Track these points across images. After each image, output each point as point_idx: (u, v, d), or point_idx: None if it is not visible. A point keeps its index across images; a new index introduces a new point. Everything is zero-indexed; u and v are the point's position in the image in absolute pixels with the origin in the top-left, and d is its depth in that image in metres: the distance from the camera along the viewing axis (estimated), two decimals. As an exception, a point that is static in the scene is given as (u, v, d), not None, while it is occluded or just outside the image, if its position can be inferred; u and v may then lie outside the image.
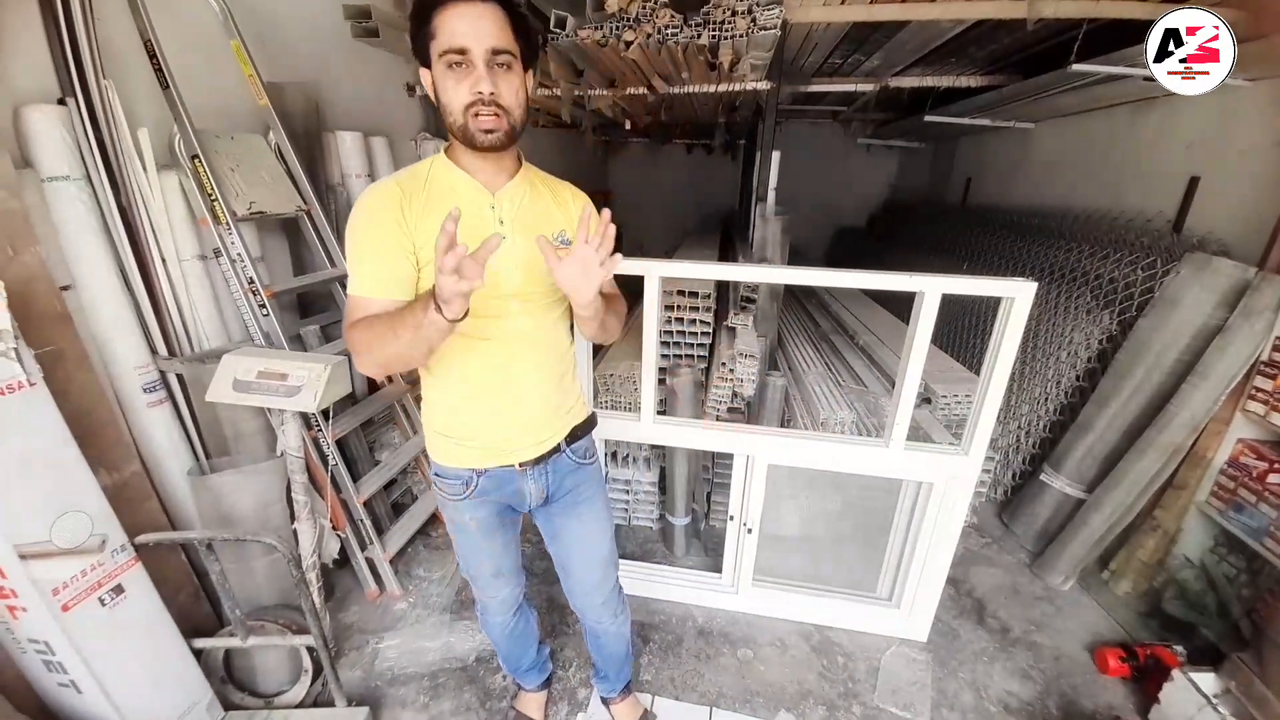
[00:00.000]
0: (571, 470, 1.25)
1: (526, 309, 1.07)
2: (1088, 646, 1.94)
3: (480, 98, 0.90)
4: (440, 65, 0.91)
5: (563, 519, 1.30)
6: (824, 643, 1.94)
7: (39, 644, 1.16)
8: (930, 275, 1.49)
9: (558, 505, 1.28)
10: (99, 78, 1.52)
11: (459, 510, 1.20)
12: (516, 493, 1.21)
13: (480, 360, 1.07)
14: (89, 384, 1.47)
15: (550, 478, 1.22)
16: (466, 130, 0.93)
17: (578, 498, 1.28)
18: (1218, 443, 1.90)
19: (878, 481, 1.83)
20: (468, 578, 1.36)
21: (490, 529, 1.24)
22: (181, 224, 1.74)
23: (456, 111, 0.93)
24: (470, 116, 0.92)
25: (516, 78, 0.94)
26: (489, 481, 1.17)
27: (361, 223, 0.97)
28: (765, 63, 2.37)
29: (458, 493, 1.18)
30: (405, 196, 0.97)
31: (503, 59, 0.91)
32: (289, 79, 2.14)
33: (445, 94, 0.93)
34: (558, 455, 1.21)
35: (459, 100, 0.92)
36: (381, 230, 0.96)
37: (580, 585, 1.39)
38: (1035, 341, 2.72)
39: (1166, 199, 2.53)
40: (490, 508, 1.22)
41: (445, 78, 0.91)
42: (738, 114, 4.16)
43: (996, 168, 4.29)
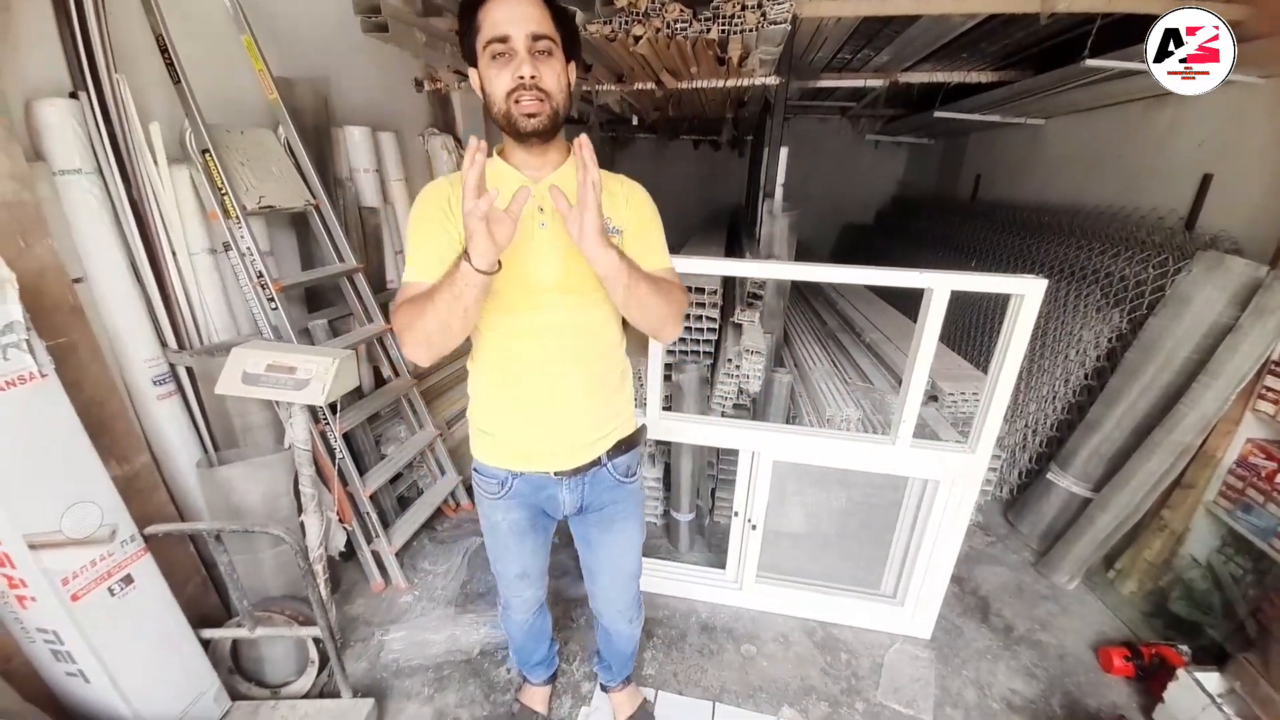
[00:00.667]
0: (611, 487, 1.22)
1: (565, 303, 1.04)
2: (1092, 645, 1.93)
3: (521, 82, 0.91)
4: (485, 57, 0.92)
5: (596, 530, 1.28)
6: (827, 639, 1.94)
7: (48, 633, 1.18)
8: (939, 272, 1.48)
9: (593, 516, 1.26)
10: (111, 72, 1.53)
11: (493, 509, 1.21)
12: (551, 500, 1.20)
13: (518, 356, 1.07)
14: (100, 376, 1.49)
15: (587, 490, 1.20)
16: (509, 116, 0.94)
17: (614, 514, 1.26)
18: (1227, 442, 1.89)
19: (883, 479, 1.82)
20: (494, 574, 1.37)
21: (521, 532, 1.24)
22: (192, 218, 1.75)
23: (500, 99, 0.93)
24: (512, 102, 0.93)
25: (558, 63, 0.95)
26: (524, 485, 1.17)
27: (414, 216, 1.03)
28: (774, 57, 2.36)
29: (493, 491, 1.19)
30: (453, 190, 1.01)
31: (543, 44, 0.91)
32: (299, 74, 2.15)
33: (489, 84, 0.94)
34: (598, 469, 1.18)
35: (501, 87, 0.92)
36: (429, 221, 1.01)
37: (604, 592, 1.40)
38: (1044, 339, 2.70)
39: (1179, 196, 2.50)
40: (524, 511, 1.21)
41: (489, 69, 0.93)
42: (746, 110, 4.13)
43: (1006, 164, 4.26)
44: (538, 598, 1.42)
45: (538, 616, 1.49)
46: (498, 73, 0.92)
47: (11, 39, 1.39)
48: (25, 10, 1.42)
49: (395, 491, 2.39)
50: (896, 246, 5.29)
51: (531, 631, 1.51)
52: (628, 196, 1.10)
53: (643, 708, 1.65)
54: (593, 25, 2.08)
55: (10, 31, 1.39)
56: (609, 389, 1.16)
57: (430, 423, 2.39)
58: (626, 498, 1.26)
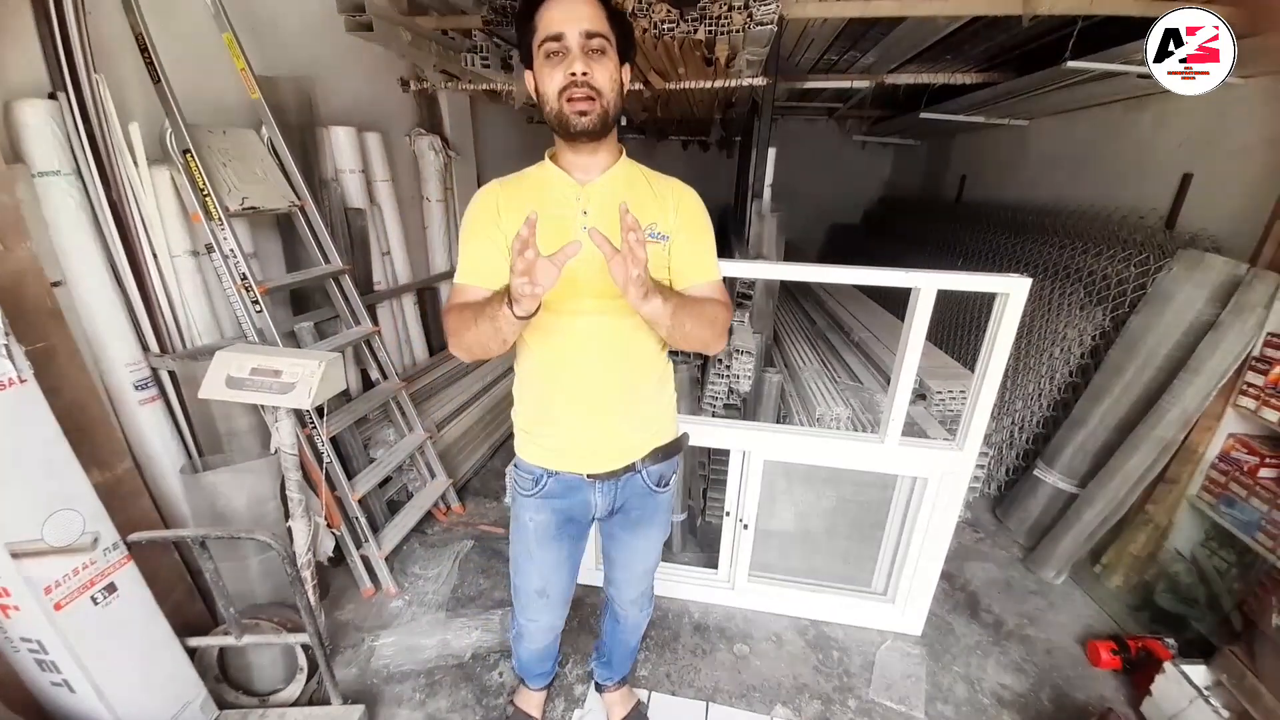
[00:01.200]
0: (643, 494, 1.21)
1: (606, 307, 1.02)
2: (1080, 639, 1.95)
3: (573, 79, 0.92)
4: (540, 57, 0.94)
5: (620, 528, 1.28)
6: (819, 637, 1.95)
7: (31, 643, 1.15)
8: (926, 272, 1.49)
9: (620, 517, 1.25)
10: (90, 71, 1.50)
11: (523, 506, 1.22)
12: (583, 503, 1.19)
13: (555, 358, 1.07)
14: (81, 381, 1.46)
15: (619, 495, 1.19)
16: (561, 115, 0.95)
17: (643, 518, 1.25)
18: (1209, 437, 1.92)
19: (873, 477, 1.83)
20: (512, 594, 1.36)
21: (545, 537, 1.22)
22: (173, 219, 1.72)
23: (552, 97, 0.94)
24: (564, 101, 0.93)
25: (611, 63, 0.95)
26: (558, 485, 1.16)
27: (466, 218, 1.06)
28: (761, 58, 2.37)
29: (527, 487, 1.19)
30: (503, 193, 1.04)
31: (596, 43, 0.92)
32: (282, 73, 2.13)
33: (543, 84, 0.95)
34: (631, 474, 1.17)
35: (554, 85, 0.93)
36: (478, 225, 1.04)
37: (621, 582, 1.40)
38: (1029, 337, 2.73)
39: (1159, 196, 2.55)
40: (552, 516, 1.20)
41: (543, 67, 0.94)
42: (734, 110, 4.15)
43: (991, 165, 4.31)
44: (553, 626, 1.39)
45: (550, 644, 1.48)
46: (551, 71, 0.93)
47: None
48: (3, 10, 1.39)
49: (385, 495, 2.37)
50: (884, 246, 5.34)
51: (541, 655, 1.51)
52: (678, 202, 1.07)
53: (636, 709, 1.64)
54: (580, 26, 2.07)
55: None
56: (646, 394, 1.14)
57: (420, 425, 2.37)
58: (657, 506, 1.25)
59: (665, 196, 1.07)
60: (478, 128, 3.71)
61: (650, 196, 1.07)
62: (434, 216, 3.27)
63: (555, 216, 1.00)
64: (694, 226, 1.08)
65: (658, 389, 1.17)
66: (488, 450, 3.01)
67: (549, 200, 1.02)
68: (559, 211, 1.01)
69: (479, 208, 1.05)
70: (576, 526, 1.25)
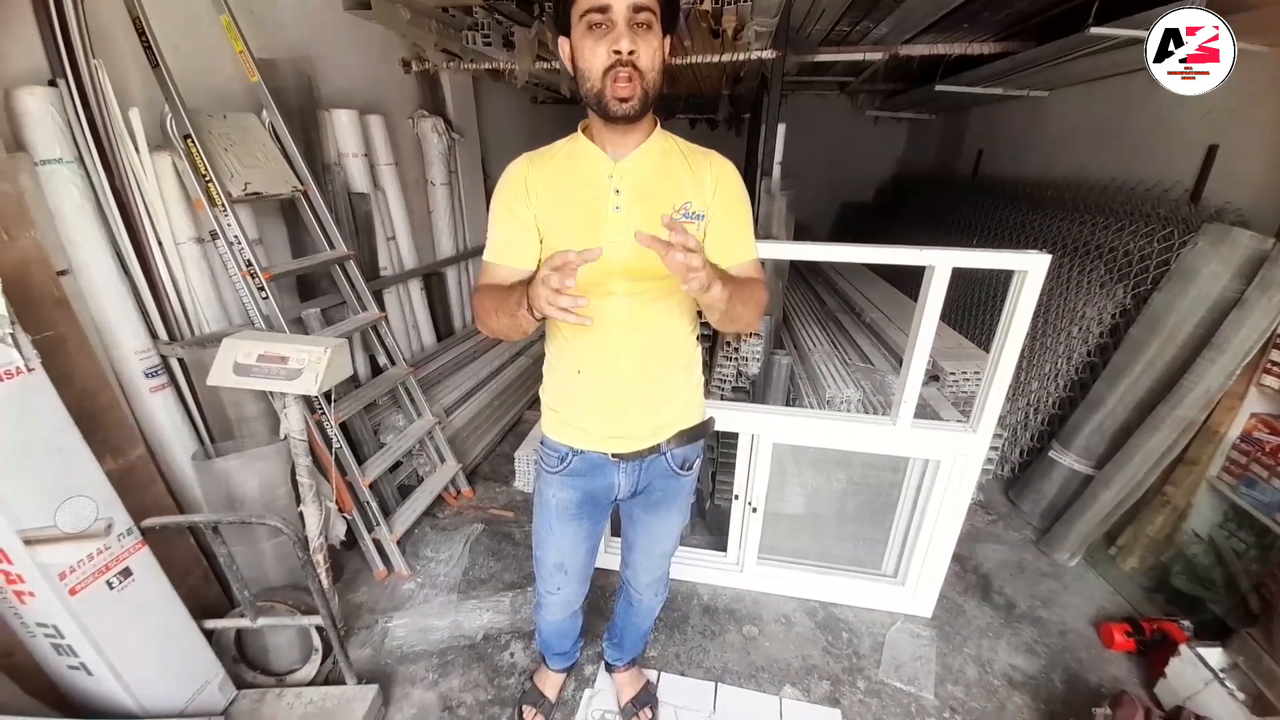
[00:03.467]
0: (666, 476, 1.21)
1: (633, 289, 1.01)
2: (1093, 621, 1.94)
3: (619, 58, 0.88)
4: (580, 27, 0.89)
5: (642, 511, 1.28)
6: (829, 619, 1.95)
7: (48, 628, 1.18)
8: (940, 249, 1.45)
9: (642, 498, 1.25)
10: (89, 58, 1.49)
11: (547, 483, 1.22)
12: (606, 483, 1.19)
13: (584, 340, 1.07)
14: (91, 369, 1.47)
15: (642, 476, 1.19)
16: (602, 98, 0.91)
17: (664, 500, 1.25)
18: (1231, 417, 1.87)
19: (884, 460, 1.81)
20: (535, 563, 1.36)
21: (567, 516, 1.23)
22: (176, 206, 1.72)
23: (595, 76, 0.90)
24: (608, 81, 0.90)
25: (656, 39, 0.91)
26: (582, 463, 1.17)
27: (496, 196, 1.05)
28: (770, 30, 2.30)
29: (553, 465, 1.19)
30: (532, 169, 1.02)
31: (643, 17, 0.88)
32: (281, 55, 2.10)
33: (583, 58, 0.91)
34: (655, 456, 1.17)
35: (598, 63, 0.89)
36: (507, 202, 1.02)
37: (639, 565, 1.40)
38: (1046, 317, 2.67)
39: (1184, 168, 2.45)
40: (576, 494, 1.20)
41: (584, 39, 0.90)
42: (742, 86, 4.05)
43: (1009, 139, 4.18)
44: (572, 601, 1.40)
45: (570, 619, 1.49)
46: (593, 45, 0.89)
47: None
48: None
49: (396, 480, 2.39)
50: (897, 224, 5.23)
51: (560, 630, 1.52)
52: (717, 178, 1.04)
53: (645, 689, 1.66)
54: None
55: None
56: (674, 377, 1.14)
57: (428, 411, 2.37)
58: (680, 489, 1.25)
59: (702, 172, 1.03)
60: (481, 109, 3.66)
61: (686, 172, 1.03)
62: (439, 200, 3.24)
63: (587, 195, 0.99)
64: (733, 204, 1.05)
65: (685, 372, 1.16)
66: (496, 435, 3.02)
67: (581, 177, 1.01)
68: (590, 191, 0.99)
69: (509, 185, 1.03)
70: (598, 506, 1.26)
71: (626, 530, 1.37)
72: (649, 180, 1.00)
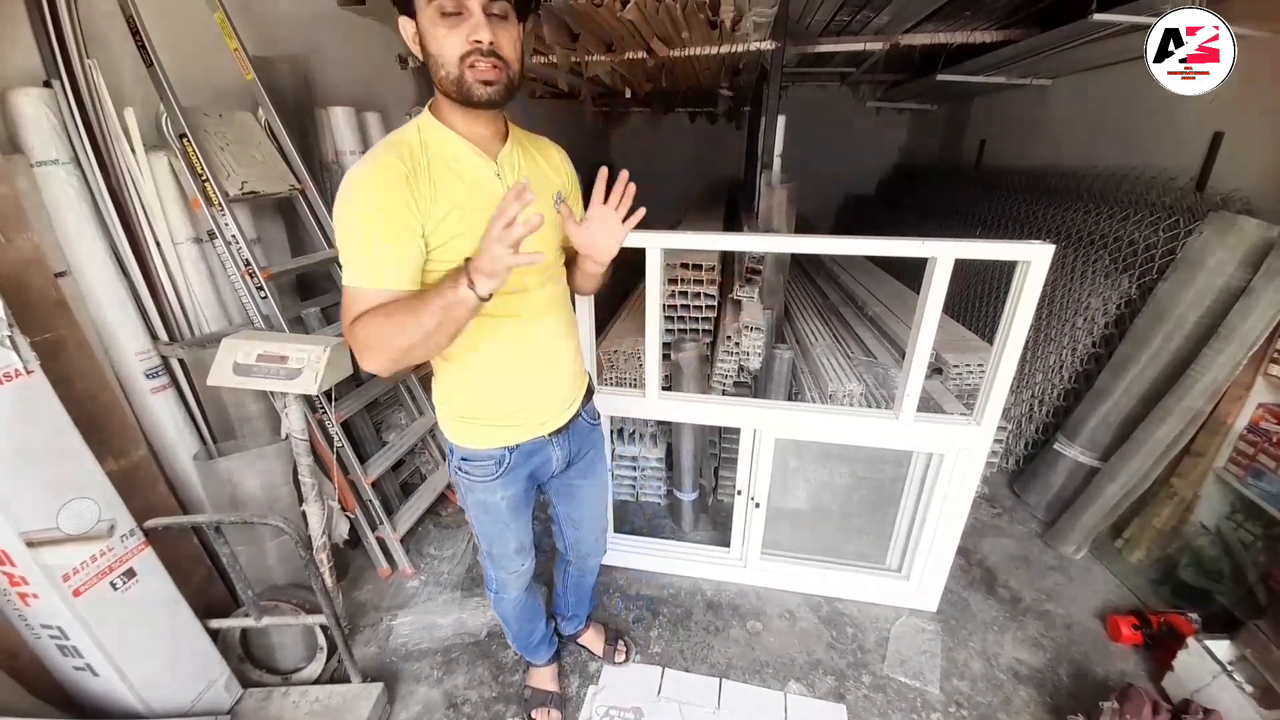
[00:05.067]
0: (587, 432, 1.31)
1: (544, 278, 1.08)
2: (1100, 615, 1.93)
3: (479, 47, 0.84)
4: (429, 13, 0.84)
5: (578, 480, 1.35)
6: (833, 614, 1.94)
7: (52, 629, 1.18)
8: (942, 240, 1.43)
9: (577, 465, 1.32)
10: (83, 58, 1.48)
11: (489, 491, 1.19)
12: (545, 461, 1.23)
13: (508, 337, 1.06)
14: (91, 370, 1.47)
15: (572, 442, 1.26)
16: (462, 83, 0.87)
17: (593, 458, 1.35)
18: (1238, 408, 1.85)
19: (887, 453, 1.80)
20: (487, 559, 1.37)
21: (518, 506, 1.25)
22: (174, 206, 1.71)
23: (451, 63, 0.86)
24: (466, 68, 0.86)
25: (514, 28, 0.89)
26: (519, 456, 1.18)
27: (363, 204, 0.87)
28: (769, 20, 2.28)
29: (489, 474, 1.17)
30: (411, 173, 0.88)
31: (499, 7, 0.86)
32: (277, 53, 2.08)
33: (435, 44, 0.86)
34: (576, 419, 1.26)
35: (452, 50, 0.85)
36: (389, 213, 0.86)
37: (589, 535, 1.49)
38: (1050, 308, 2.65)
39: (1189, 156, 2.42)
40: (520, 484, 1.22)
41: (436, 25, 0.84)
42: (741, 78, 4.02)
43: (1012, 128, 4.14)
44: (531, 569, 1.42)
45: (530, 594, 1.50)
46: (447, 33, 0.84)
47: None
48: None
49: (399, 478, 2.39)
50: (900, 216, 5.20)
51: (527, 610, 1.52)
52: (561, 160, 1.15)
53: (607, 629, 1.82)
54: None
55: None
56: (577, 348, 1.25)
57: (430, 408, 2.37)
58: (598, 440, 1.37)
59: (555, 160, 1.13)
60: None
61: (547, 165, 1.11)
62: (438, 197, 3.22)
63: (479, 196, 0.94)
64: (574, 180, 1.18)
65: (578, 340, 1.27)
66: (499, 431, 3.01)
67: (467, 179, 0.95)
68: (481, 191, 0.95)
69: (388, 190, 0.87)
70: (535, 483, 1.30)
71: (569, 511, 1.43)
72: (527, 174, 1.03)
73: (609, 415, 1.95)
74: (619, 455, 2.36)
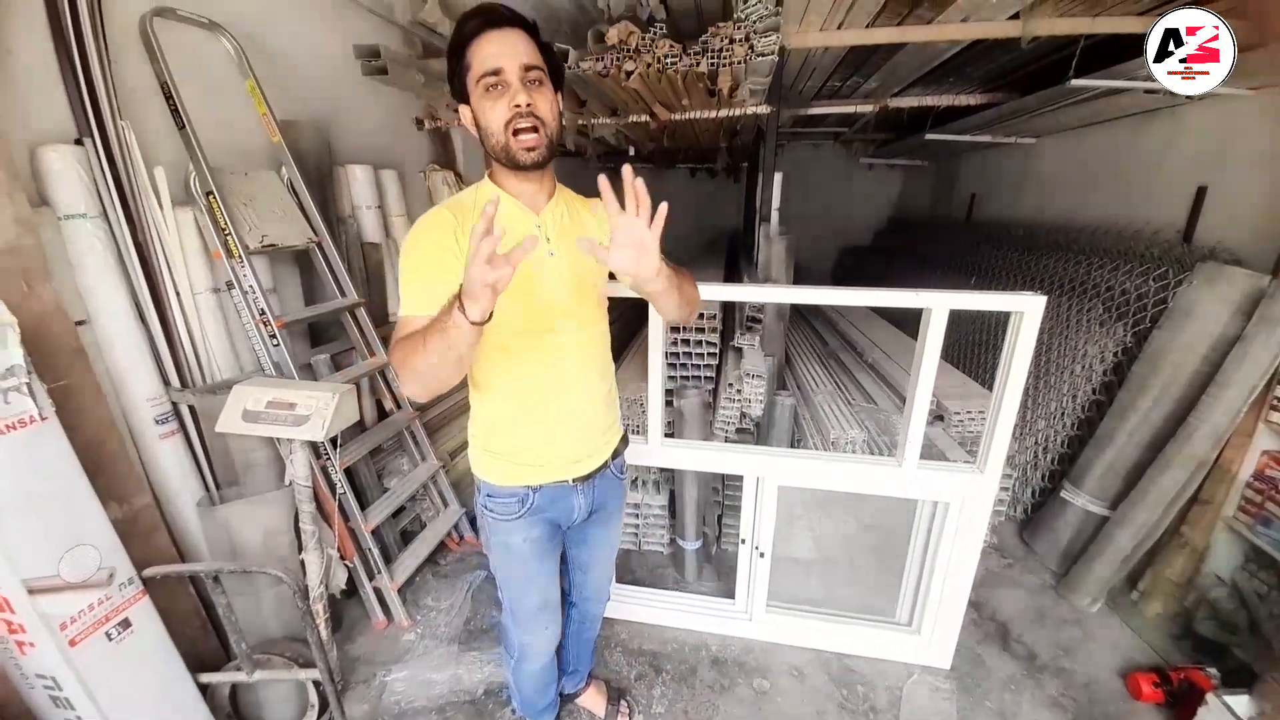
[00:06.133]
0: (613, 484, 1.31)
1: (575, 325, 1.11)
2: (1120, 672, 1.86)
3: (519, 110, 0.94)
4: (478, 91, 0.95)
5: (596, 528, 1.35)
6: (843, 671, 1.88)
7: (46, 679, 1.16)
8: (936, 292, 1.47)
9: (597, 515, 1.31)
10: (116, 118, 1.57)
11: (511, 531, 1.20)
12: (568, 508, 1.23)
13: (534, 379, 1.10)
14: (101, 417, 1.49)
15: (597, 492, 1.26)
16: (509, 149, 0.97)
17: (613, 509, 1.36)
18: (1242, 455, 1.85)
19: (892, 502, 1.79)
20: (509, 619, 1.35)
21: (542, 551, 1.24)
22: (195, 258, 1.77)
23: (498, 130, 0.96)
24: (510, 135, 0.96)
25: (549, 92, 0.99)
26: (543, 498, 1.19)
27: (415, 246, 1.00)
28: (764, 87, 2.41)
29: (512, 511, 1.18)
30: (458, 223, 1.00)
31: (534, 74, 0.95)
32: (301, 116, 2.21)
33: (484, 117, 0.97)
34: (604, 470, 1.26)
35: (498, 119, 0.95)
36: (433, 253, 0.99)
37: (595, 581, 1.48)
38: (1048, 355, 2.68)
39: (1174, 209, 2.52)
40: (543, 527, 1.22)
41: (483, 100, 0.96)
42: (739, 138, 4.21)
43: (1001, 183, 4.30)
44: (555, 637, 1.39)
45: (550, 662, 1.46)
46: (493, 104, 0.95)
47: (15, 87, 1.42)
48: (29, 58, 1.45)
49: (398, 525, 2.36)
50: (895, 266, 5.32)
51: (545, 678, 1.49)
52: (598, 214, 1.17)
53: (609, 687, 1.77)
54: (585, 62, 2.13)
55: (14, 79, 1.42)
56: (610, 397, 1.26)
57: (433, 455, 2.37)
58: (622, 492, 1.38)
59: (600, 215, 1.16)
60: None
61: (590, 218, 1.16)
62: (447, 248, 3.33)
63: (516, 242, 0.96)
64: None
65: (612, 390, 1.28)
66: (501, 479, 2.99)
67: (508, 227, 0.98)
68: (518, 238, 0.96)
69: (435, 235, 0.99)
70: (559, 534, 1.30)
71: (580, 557, 1.42)
72: (569, 227, 1.10)
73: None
74: (621, 503, 2.34)
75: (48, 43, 1.48)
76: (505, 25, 0.95)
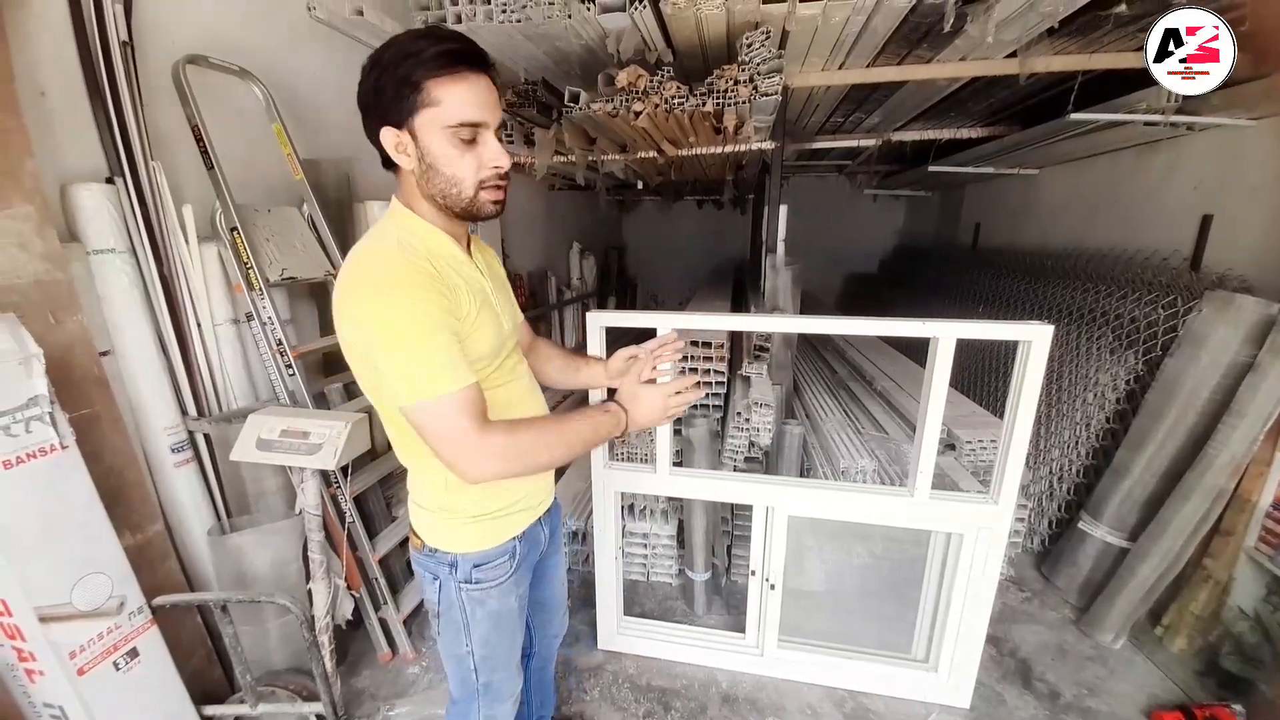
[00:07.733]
0: (557, 508, 1.30)
1: (515, 344, 1.12)
2: (1145, 710, 1.79)
3: (499, 171, 0.92)
4: (444, 135, 0.87)
5: (552, 556, 1.32)
6: (858, 710, 1.82)
7: (54, 709, 1.16)
8: (944, 321, 1.48)
9: (551, 542, 1.28)
10: (148, 159, 1.64)
11: (506, 593, 1.09)
12: (537, 543, 1.20)
13: (519, 406, 1.08)
14: (120, 446, 1.52)
15: (553, 517, 1.26)
16: (475, 202, 0.93)
17: (558, 529, 1.33)
18: (1261, 484, 1.81)
19: (905, 533, 1.76)
20: (479, 698, 1.17)
21: (524, 604, 1.18)
22: (217, 290, 1.83)
23: (467, 184, 0.90)
24: (480, 189, 0.92)
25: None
26: (525, 544, 1.13)
27: (419, 308, 0.85)
28: (769, 124, 2.48)
29: (504, 573, 1.08)
30: (436, 275, 0.89)
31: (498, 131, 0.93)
32: (323, 155, 2.29)
33: (451, 165, 0.89)
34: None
35: (470, 174, 0.90)
36: (439, 318, 0.87)
37: (554, 617, 1.41)
38: (1059, 383, 2.66)
39: (1180, 238, 2.53)
40: (528, 577, 1.18)
41: (448, 147, 0.88)
42: (745, 171, 4.30)
43: (1005, 212, 4.34)
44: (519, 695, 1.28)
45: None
46: (462, 156, 0.89)
47: (48, 127, 1.49)
48: (61, 99, 1.52)
49: (406, 555, 2.35)
50: (901, 294, 5.34)
51: None
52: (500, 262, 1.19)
53: None
54: (596, 104, 2.21)
55: (47, 120, 1.48)
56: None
57: (441, 484, 2.37)
58: (560, 514, 1.34)
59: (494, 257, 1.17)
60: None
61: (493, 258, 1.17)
62: (459, 280, 3.39)
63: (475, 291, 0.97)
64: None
65: None
66: (509, 509, 2.98)
67: (465, 275, 0.97)
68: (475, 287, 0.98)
69: (433, 294, 0.87)
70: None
71: (541, 596, 1.33)
72: (490, 264, 1.12)
73: (619, 490, 1.95)
74: (629, 532, 2.32)
75: (80, 85, 1.55)
76: (482, 69, 0.88)
